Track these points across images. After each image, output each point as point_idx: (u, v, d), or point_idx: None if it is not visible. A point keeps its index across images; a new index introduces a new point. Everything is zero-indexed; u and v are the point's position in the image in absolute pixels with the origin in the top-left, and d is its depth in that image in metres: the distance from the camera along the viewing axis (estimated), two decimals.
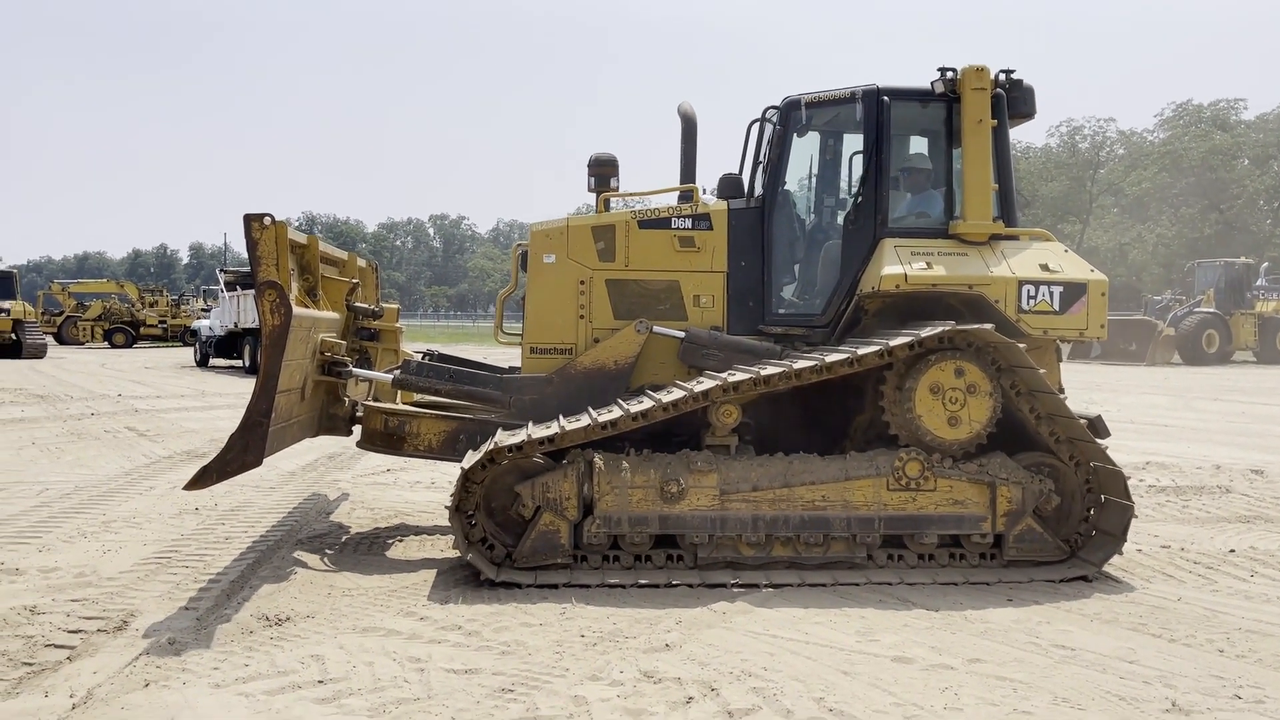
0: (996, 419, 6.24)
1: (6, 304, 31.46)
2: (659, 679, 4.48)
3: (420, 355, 7.53)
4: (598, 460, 6.06)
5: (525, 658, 4.74)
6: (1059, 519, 6.40)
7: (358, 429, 7.19)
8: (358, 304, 7.75)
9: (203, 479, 5.67)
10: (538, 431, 6.11)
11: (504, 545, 6.12)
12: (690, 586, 5.94)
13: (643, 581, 5.96)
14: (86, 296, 46.07)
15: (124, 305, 44.24)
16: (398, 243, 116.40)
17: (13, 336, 31.18)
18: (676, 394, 6.14)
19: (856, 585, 5.98)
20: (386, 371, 7.35)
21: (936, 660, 4.76)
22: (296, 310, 5.80)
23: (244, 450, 5.66)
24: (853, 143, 7.43)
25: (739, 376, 6.16)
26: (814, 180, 7.65)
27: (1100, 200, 66.58)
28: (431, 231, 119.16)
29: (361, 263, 8.28)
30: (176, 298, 49.78)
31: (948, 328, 6.10)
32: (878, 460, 6.20)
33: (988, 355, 6.24)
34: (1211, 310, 32.75)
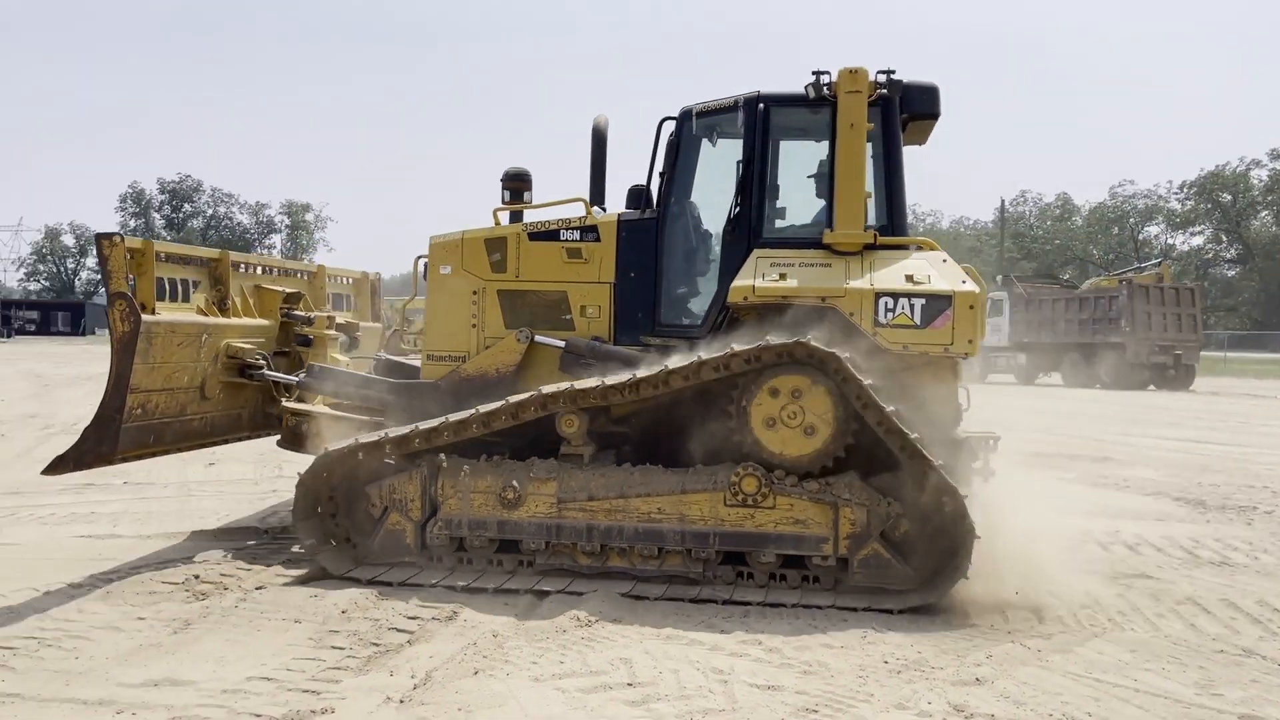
0: (844, 435, 5.90)
1: None
2: (970, 714, 4.29)
3: (372, 359, 8.20)
4: (442, 463, 6.25)
5: (828, 679, 4.68)
6: (913, 545, 5.89)
7: None
8: (293, 312, 8.08)
9: (59, 466, 6.23)
10: (364, 437, 6.33)
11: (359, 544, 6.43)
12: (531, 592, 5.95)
13: (474, 585, 6.02)
14: (416, 313, 50.43)
15: None
16: None
17: None
18: (493, 406, 6.16)
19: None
20: (294, 375, 7.60)
21: None
22: (147, 318, 6.26)
23: (98, 442, 6.22)
24: (738, 149, 6.96)
25: (554, 388, 6.13)
26: (705, 190, 7.28)
27: None
28: None
29: (356, 275, 9.60)
30: None
31: (757, 346, 5.83)
32: (716, 475, 6.02)
33: (829, 370, 5.83)
34: None
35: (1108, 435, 16.36)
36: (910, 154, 7.37)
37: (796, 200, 7.14)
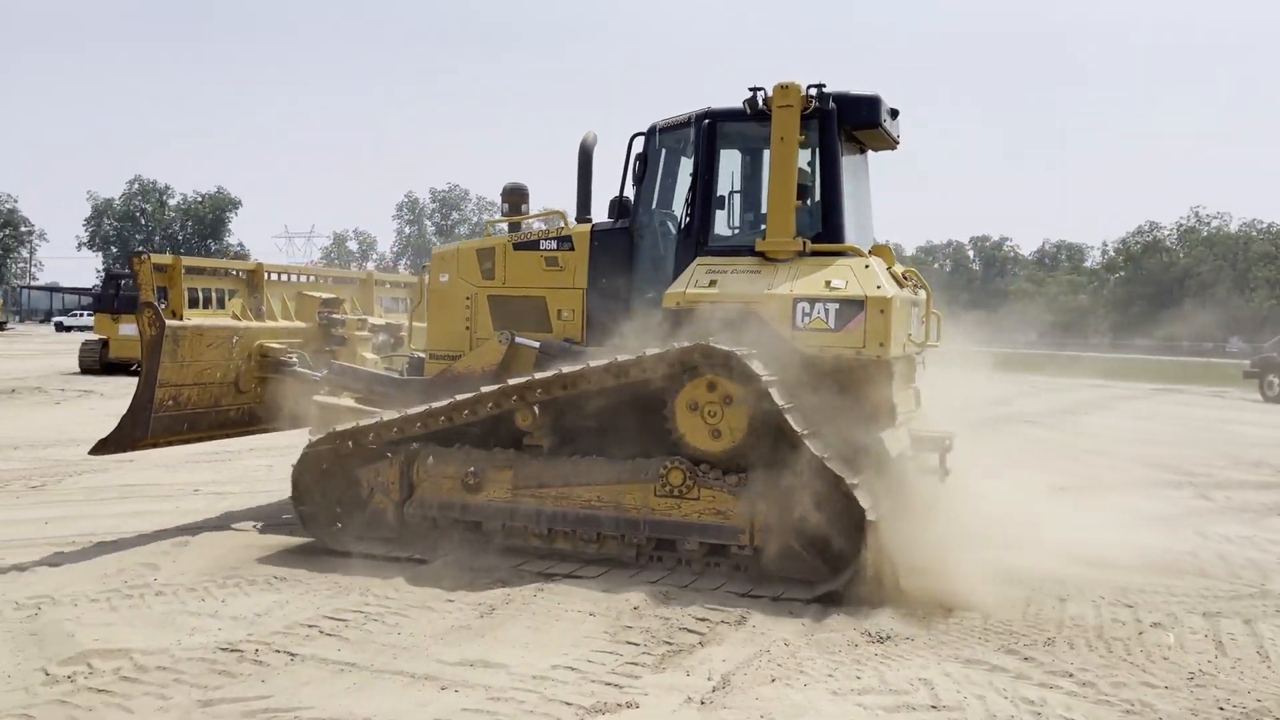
0: (753, 433, 6.18)
1: None
2: None
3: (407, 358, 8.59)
4: (418, 451, 6.89)
5: None
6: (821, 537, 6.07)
7: None
8: (331, 315, 8.88)
9: (103, 448, 7.22)
10: (340, 426, 6.95)
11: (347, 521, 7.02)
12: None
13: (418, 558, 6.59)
14: None
15: None
16: (935, 265, 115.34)
17: None
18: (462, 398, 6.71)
19: None
20: (317, 372, 8.18)
21: None
22: (171, 323, 7.15)
23: (133, 428, 7.18)
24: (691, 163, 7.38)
25: (494, 387, 6.66)
26: (670, 201, 7.66)
27: None
28: (971, 254, 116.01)
29: (363, 274, 10.23)
30: None
31: (662, 351, 6.27)
32: (647, 466, 6.43)
33: (742, 370, 6.12)
34: None
35: None
36: (893, 157, 8.13)
37: (748, 210, 7.52)
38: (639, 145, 7.48)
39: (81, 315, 55.37)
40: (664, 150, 7.52)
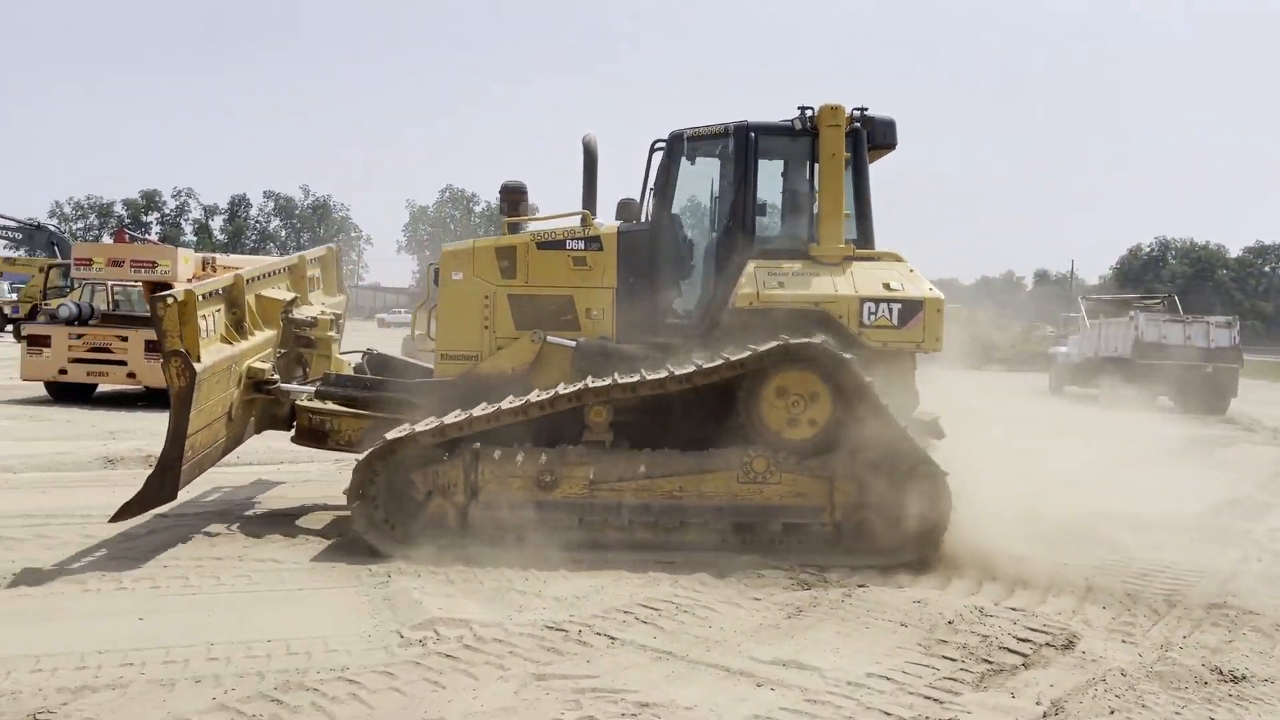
0: (839, 421, 6.75)
1: None
2: None
3: (361, 354, 8.51)
4: (483, 451, 6.68)
5: None
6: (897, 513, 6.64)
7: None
8: (294, 316, 8.21)
9: (125, 513, 6.42)
10: (420, 426, 6.66)
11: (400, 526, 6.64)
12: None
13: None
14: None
15: (977, 329, 46.68)
16: (1266, 268, 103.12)
17: None
18: (546, 395, 6.77)
19: None
20: (310, 383, 7.91)
21: None
22: (200, 366, 6.41)
23: (160, 488, 6.46)
24: (728, 171, 7.79)
25: (601, 383, 6.80)
26: (696, 205, 8.17)
27: None
28: None
29: (321, 251, 9.37)
30: (1030, 325, 50.87)
31: (770, 347, 6.71)
32: (729, 455, 6.77)
33: (825, 365, 6.72)
34: None
35: None
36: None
37: (788, 216, 7.93)
38: (661, 152, 7.80)
39: (399, 312, 60.97)
40: (688, 158, 7.86)
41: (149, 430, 11.62)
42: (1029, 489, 7.67)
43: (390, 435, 6.65)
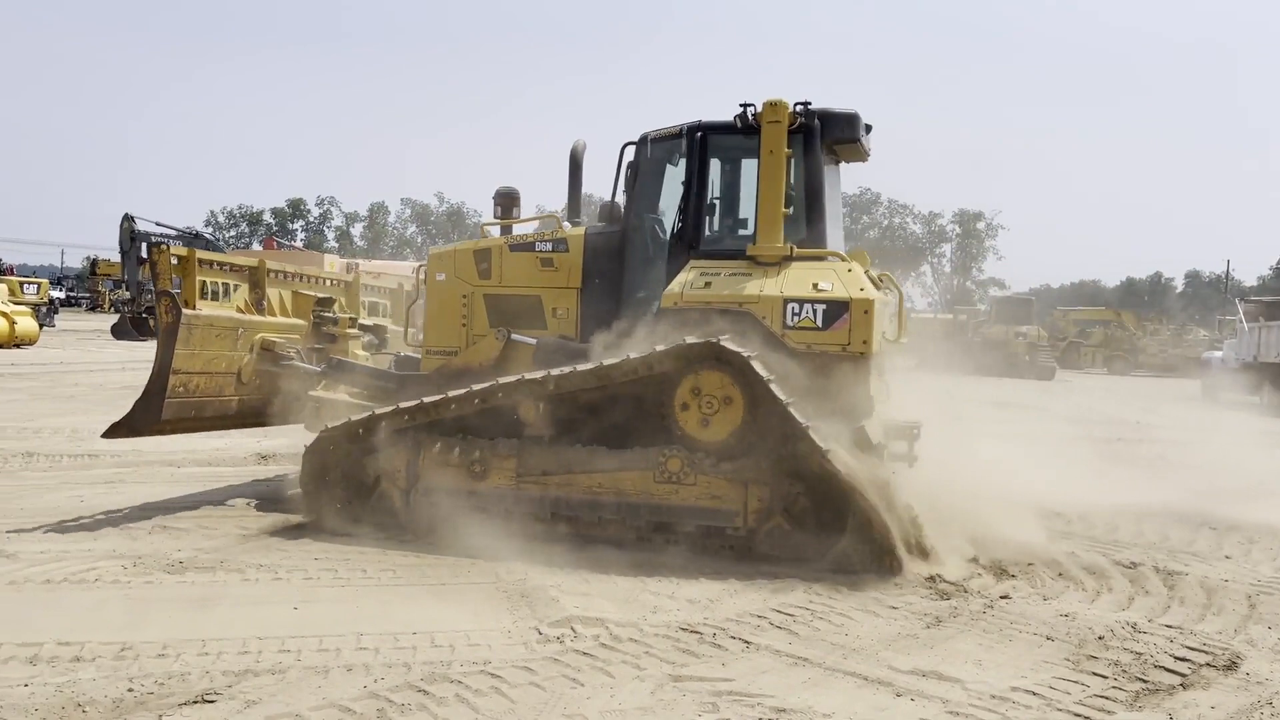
0: (747, 423, 6.62)
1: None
2: None
3: (392, 356, 8.96)
4: (424, 440, 7.04)
5: None
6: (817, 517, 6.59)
7: None
8: (323, 314, 9.09)
9: (114, 432, 7.50)
10: (356, 416, 7.18)
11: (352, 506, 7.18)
12: None
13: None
14: (1088, 324, 47.85)
15: (1123, 333, 44.78)
16: None
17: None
18: (460, 391, 6.98)
19: None
20: (317, 366, 8.47)
21: None
22: (187, 311, 7.44)
23: (145, 412, 7.44)
24: (685, 172, 7.72)
25: (509, 379, 6.93)
26: (659, 206, 8.01)
27: None
28: None
29: (349, 275, 10.34)
30: (1180, 329, 48.47)
31: (673, 346, 6.65)
32: (647, 455, 6.74)
33: (738, 366, 6.55)
34: None
35: None
36: (860, 169, 8.59)
37: (735, 216, 7.92)
38: (630, 154, 7.85)
39: None
40: (654, 159, 7.88)
41: (299, 428, 12.16)
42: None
43: (327, 426, 7.28)
